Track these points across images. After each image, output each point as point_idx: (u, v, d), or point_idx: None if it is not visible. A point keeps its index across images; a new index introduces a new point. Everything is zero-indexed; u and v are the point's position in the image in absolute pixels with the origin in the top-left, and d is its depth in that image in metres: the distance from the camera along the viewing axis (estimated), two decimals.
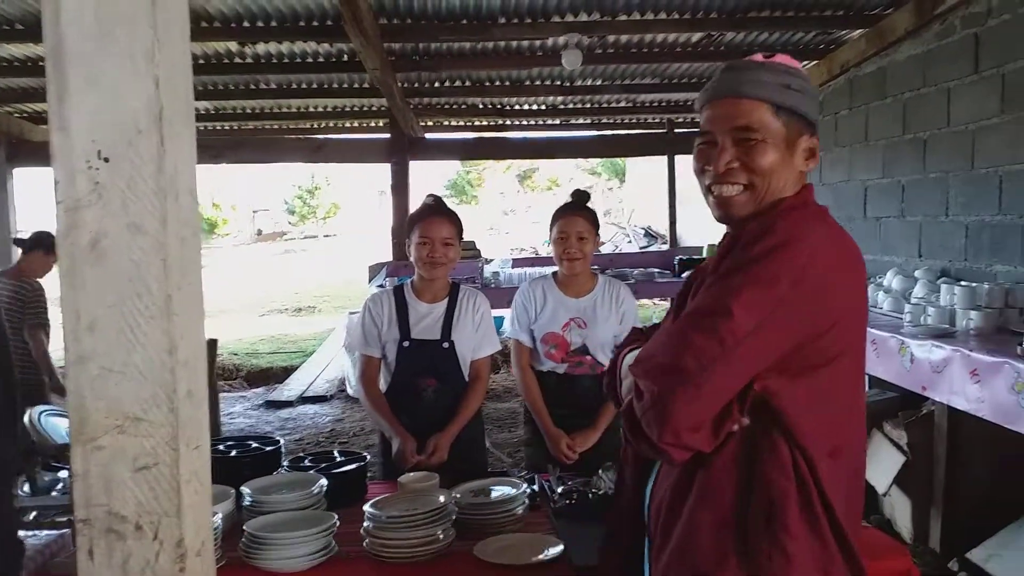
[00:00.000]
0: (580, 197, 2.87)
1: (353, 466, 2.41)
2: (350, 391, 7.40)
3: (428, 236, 2.63)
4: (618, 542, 1.50)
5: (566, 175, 22.48)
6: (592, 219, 2.81)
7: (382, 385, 2.73)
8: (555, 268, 2.90)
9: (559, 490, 2.27)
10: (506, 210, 23.46)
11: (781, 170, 1.31)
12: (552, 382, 2.82)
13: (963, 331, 3.18)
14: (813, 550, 1.21)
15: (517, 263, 6.93)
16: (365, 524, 2.00)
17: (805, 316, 1.20)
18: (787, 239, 1.21)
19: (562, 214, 2.81)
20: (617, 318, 2.82)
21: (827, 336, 1.22)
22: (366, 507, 2.02)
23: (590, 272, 2.88)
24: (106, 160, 0.96)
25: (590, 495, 2.22)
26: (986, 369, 2.61)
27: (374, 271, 6.66)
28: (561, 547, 1.93)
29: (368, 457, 2.52)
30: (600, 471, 2.29)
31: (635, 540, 1.43)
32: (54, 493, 2.32)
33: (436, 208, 2.72)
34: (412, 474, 2.33)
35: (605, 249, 12.12)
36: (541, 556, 1.90)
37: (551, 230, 2.82)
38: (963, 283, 3.51)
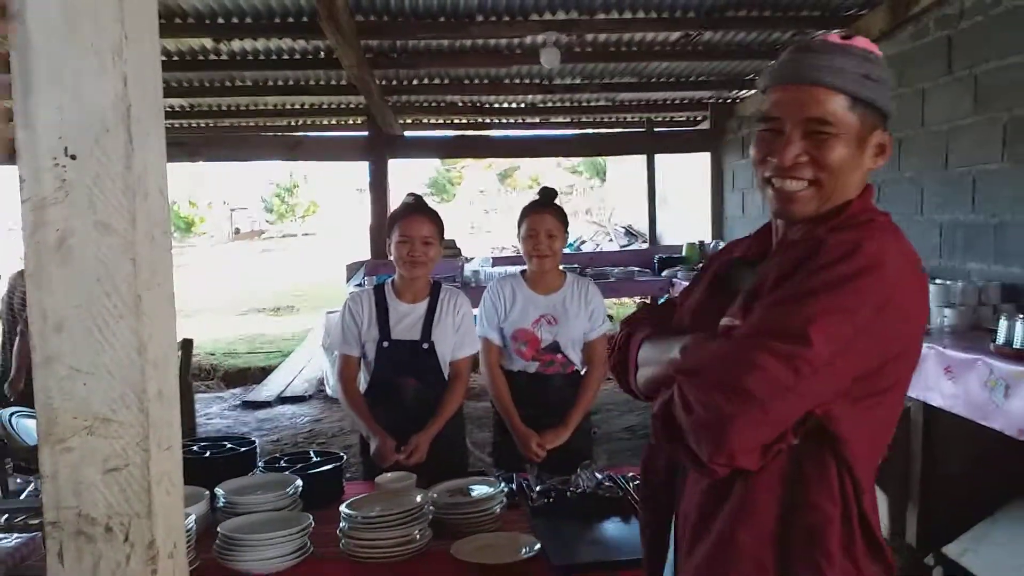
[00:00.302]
0: (547, 195, 2.88)
1: (329, 466, 2.39)
2: (329, 391, 7.35)
3: (408, 235, 2.62)
4: (657, 543, 1.41)
5: (547, 173, 22.49)
6: (560, 216, 2.81)
7: (361, 384, 2.72)
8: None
9: (537, 489, 2.27)
10: (487, 208, 23.45)
11: (850, 168, 1.23)
12: (523, 382, 2.82)
13: (938, 329, 3.22)
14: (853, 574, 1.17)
15: (497, 262, 6.92)
16: (341, 525, 1.99)
17: (881, 344, 1.14)
18: (874, 263, 1.13)
19: (530, 212, 2.81)
20: (586, 315, 2.83)
21: (894, 363, 1.18)
22: (342, 507, 2.01)
23: (558, 270, 2.89)
24: (73, 157, 0.94)
25: (568, 493, 2.22)
26: (960, 366, 2.64)
27: (352, 270, 6.63)
28: (539, 546, 1.93)
29: (344, 457, 2.50)
30: (579, 469, 2.29)
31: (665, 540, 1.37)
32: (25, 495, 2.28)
33: (416, 207, 2.71)
34: (389, 474, 2.32)
35: (586, 247, 12.13)
36: (518, 555, 1.90)
37: (520, 228, 2.83)
38: (938, 281, 3.55)
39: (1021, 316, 2.59)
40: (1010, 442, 2.41)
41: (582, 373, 2.87)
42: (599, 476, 2.28)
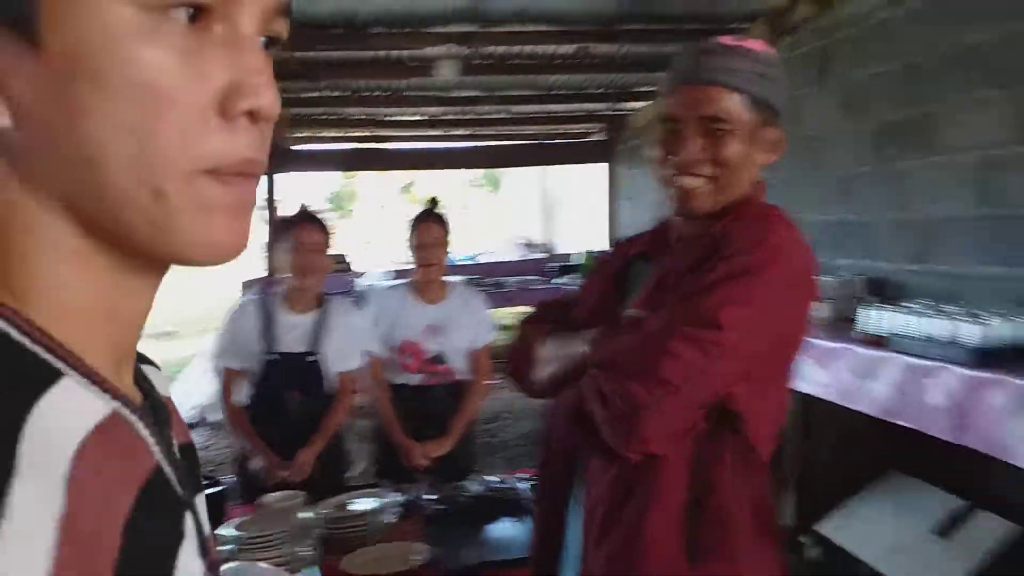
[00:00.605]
0: (433, 204, 2.90)
1: (209, 491, 2.30)
2: (213, 418, 7.05)
3: (299, 242, 2.58)
4: (550, 539, 1.42)
5: (448, 187, 22.50)
6: (446, 226, 2.84)
7: (244, 398, 2.63)
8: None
9: (429, 497, 2.26)
10: (387, 223, 23.16)
11: (745, 163, 1.27)
12: (407, 394, 2.80)
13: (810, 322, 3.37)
14: (757, 553, 1.21)
15: (398, 275, 6.85)
16: (223, 547, 1.91)
17: (783, 328, 1.21)
18: (777, 253, 1.19)
19: (418, 222, 2.82)
20: (473, 323, 2.85)
21: (790, 346, 1.24)
22: (221, 530, 1.94)
23: (442, 280, 2.89)
24: None
25: (460, 499, 2.22)
26: (828, 355, 2.78)
27: (247, 287, 6.45)
28: (430, 553, 1.91)
29: (227, 480, 2.41)
30: (468, 476, 2.29)
31: (560, 534, 1.38)
32: None
33: (306, 215, 2.68)
34: (273, 494, 2.25)
35: (483, 259, 12.18)
36: (409, 564, 1.88)
37: (409, 238, 2.82)
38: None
39: (878, 305, 2.77)
40: (876, 423, 2.55)
41: (466, 382, 2.87)
42: (489, 480, 2.29)
